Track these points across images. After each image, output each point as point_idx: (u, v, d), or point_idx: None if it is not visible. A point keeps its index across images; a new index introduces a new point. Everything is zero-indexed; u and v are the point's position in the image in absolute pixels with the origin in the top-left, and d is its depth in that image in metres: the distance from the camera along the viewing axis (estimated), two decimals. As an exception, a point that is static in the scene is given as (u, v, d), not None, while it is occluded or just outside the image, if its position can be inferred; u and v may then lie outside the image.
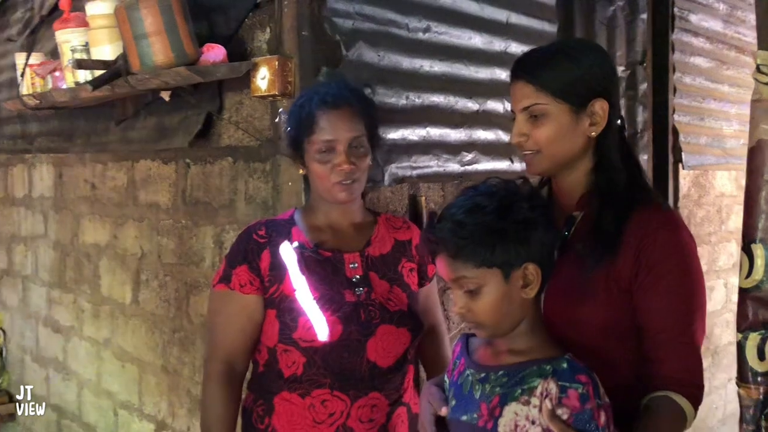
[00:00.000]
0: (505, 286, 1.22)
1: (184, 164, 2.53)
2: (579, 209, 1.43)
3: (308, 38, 2.00)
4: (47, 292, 3.61)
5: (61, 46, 2.41)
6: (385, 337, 1.59)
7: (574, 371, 1.20)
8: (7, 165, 4.03)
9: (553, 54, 1.40)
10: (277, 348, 1.59)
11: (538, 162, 1.40)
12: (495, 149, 2.55)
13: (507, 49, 2.58)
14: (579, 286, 1.35)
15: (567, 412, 1.16)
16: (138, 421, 2.88)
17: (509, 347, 1.27)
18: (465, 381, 1.30)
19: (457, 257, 1.21)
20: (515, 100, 1.40)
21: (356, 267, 1.63)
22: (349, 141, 1.58)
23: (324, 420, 1.56)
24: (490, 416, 1.23)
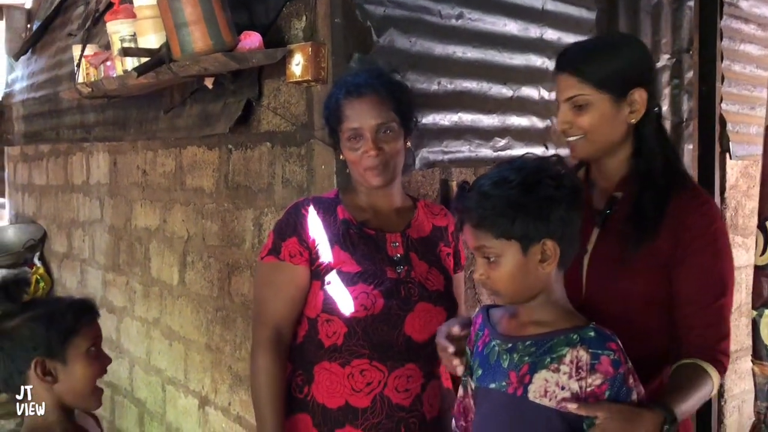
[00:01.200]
0: (522, 258, 1.28)
1: (226, 150, 2.63)
2: (620, 189, 1.55)
3: (341, 25, 2.06)
4: (102, 275, 3.79)
5: (111, 36, 2.54)
6: (423, 314, 1.66)
7: (603, 339, 1.26)
8: (67, 154, 4.23)
9: (595, 47, 1.55)
10: (319, 318, 1.66)
11: (581, 147, 1.53)
12: (529, 135, 2.56)
13: (543, 36, 2.59)
14: (620, 261, 1.47)
15: (600, 378, 1.23)
16: (184, 396, 3.01)
17: (533, 319, 1.33)
18: (491, 351, 1.36)
19: (479, 227, 1.28)
20: (559, 90, 1.53)
21: (397, 246, 1.71)
22: (375, 128, 1.64)
23: (362, 389, 1.63)
24: (520, 383, 1.29)
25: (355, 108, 1.65)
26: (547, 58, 2.61)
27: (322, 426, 1.65)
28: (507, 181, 1.27)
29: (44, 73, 4.58)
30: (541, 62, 2.60)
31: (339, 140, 1.71)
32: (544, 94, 2.61)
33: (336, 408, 1.64)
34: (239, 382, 2.61)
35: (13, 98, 5.27)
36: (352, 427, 1.63)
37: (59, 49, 4.30)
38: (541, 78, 2.60)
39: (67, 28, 4.14)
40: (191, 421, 2.95)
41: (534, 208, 1.26)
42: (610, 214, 1.54)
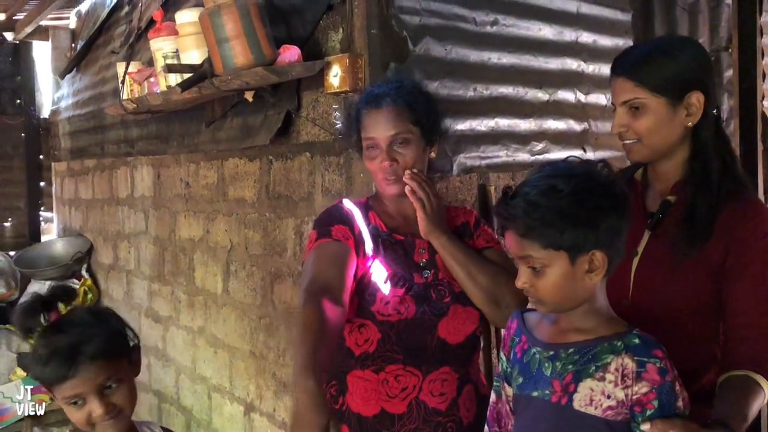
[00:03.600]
0: (569, 268, 1.24)
1: (267, 161, 2.69)
2: (674, 193, 1.53)
3: (377, 36, 2.10)
4: (148, 285, 3.88)
5: (154, 53, 2.62)
6: (456, 316, 1.65)
7: (648, 346, 1.24)
8: (112, 168, 4.35)
9: (651, 51, 1.53)
10: (348, 326, 1.64)
11: (638, 150, 1.53)
12: (566, 138, 2.57)
13: (578, 39, 2.60)
14: (670, 266, 1.45)
15: (647, 386, 1.21)
16: (229, 403, 3.06)
17: (575, 326, 1.30)
18: (532, 359, 1.35)
19: (525, 236, 1.24)
20: (615, 94, 1.53)
21: (423, 252, 1.71)
22: (390, 139, 1.65)
23: (397, 394, 1.62)
24: (564, 392, 1.27)
25: (372, 118, 1.66)
26: (582, 61, 2.62)
27: None
28: (556, 190, 1.23)
29: (88, 91, 4.73)
30: (576, 65, 2.60)
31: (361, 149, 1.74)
32: (580, 98, 2.61)
33: (372, 416, 1.63)
34: (284, 388, 2.65)
35: (60, 115, 5.44)
36: None
37: (102, 67, 4.43)
38: (577, 81, 2.60)
39: (110, 46, 4.26)
40: (237, 428, 3.01)
41: (584, 219, 1.22)
42: (663, 218, 1.52)
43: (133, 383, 1.47)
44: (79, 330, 1.40)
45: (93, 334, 1.40)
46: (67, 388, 1.37)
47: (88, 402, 1.38)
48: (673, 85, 1.47)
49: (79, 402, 1.38)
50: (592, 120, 2.67)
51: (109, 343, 1.41)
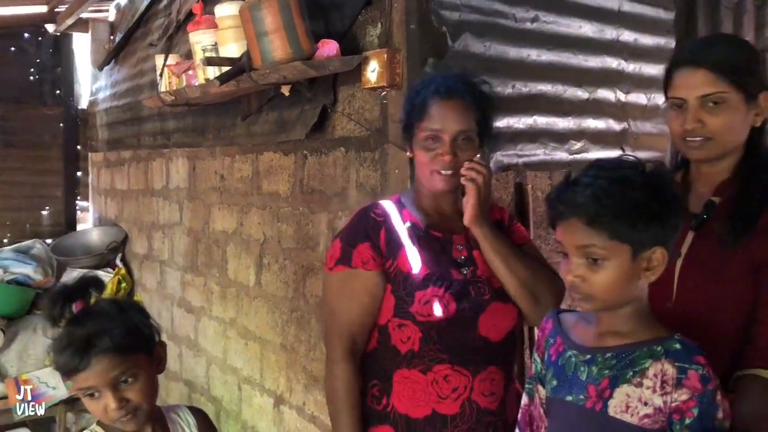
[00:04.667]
0: (630, 264, 1.21)
1: (301, 155, 2.69)
2: (718, 194, 1.48)
3: (416, 31, 2.09)
4: (181, 276, 3.92)
5: (193, 46, 2.64)
6: (495, 313, 1.63)
7: (690, 352, 1.20)
8: (148, 160, 4.40)
9: (730, 43, 1.49)
10: (390, 323, 1.62)
11: (708, 148, 1.46)
12: (605, 138, 2.53)
13: (619, 38, 2.56)
14: (715, 267, 1.42)
15: (688, 394, 1.17)
16: (259, 395, 3.08)
17: (613, 329, 1.27)
18: (567, 362, 1.31)
19: (592, 224, 1.19)
20: (690, 86, 1.44)
21: (462, 249, 1.68)
22: (455, 134, 1.61)
23: (448, 395, 1.59)
24: (599, 398, 1.24)
25: (441, 109, 1.62)
26: (623, 59, 2.58)
27: None
28: (629, 180, 1.20)
29: (126, 83, 4.79)
30: (616, 64, 2.56)
31: (413, 137, 1.68)
32: (620, 97, 2.57)
33: (422, 417, 1.60)
34: (314, 382, 2.66)
35: (97, 106, 5.52)
36: None
37: (140, 59, 4.48)
38: (617, 80, 2.56)
39: (148, 38, 4.31)
40: (266, 420, 3.02)
41: (656, 213, 1.19)
42: (707, 218, 1.48)
43: (152, 378, 1.46)
44: (96, 322, 1.40)
45: (110, 327, 1.39)
46: (80, 379, 1.38)
47: (102, 395, 1.39)
48: (752, 81, 1.42)
49: (96, 394, 1.39)
50: (631, 120, 2.63)
51: (125, 338, 1.40)
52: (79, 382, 1.38)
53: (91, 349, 1.36)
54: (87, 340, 1.37)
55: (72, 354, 1.36)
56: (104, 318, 1.41)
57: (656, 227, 1.20)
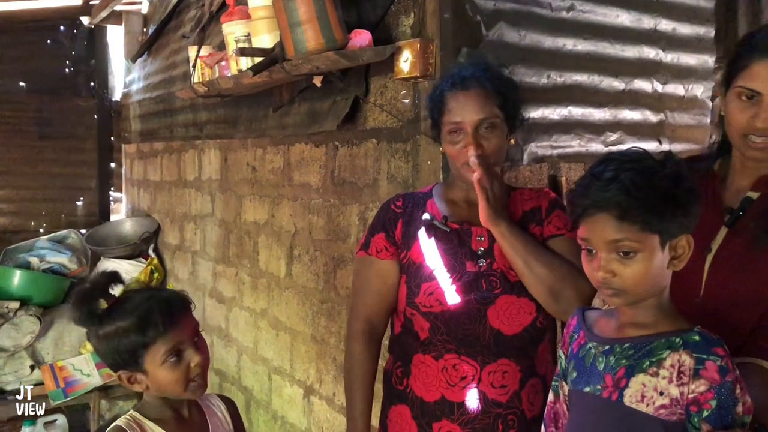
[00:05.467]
0: (660, 254, 1.20)
1: (333, 146, 2.69)
2: (757, 189, 1.42)
3: (450, 20, 2.06)
4: (213, 266, 3.96)
5: (226, 37, 2.65)
6: (506, 306, 1.61)
7: (709, 343, 1.17)
8: (180, 151, 4.45)
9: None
10: (406, 311, 1.68)
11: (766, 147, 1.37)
12: (642, 129, 2.48)
13: (656, 27, 2.50)
14: (746, 264, 1.37)
15: (706, 385, 1.15)
16: (289, 385, 3.10)
17: (634, 320, 1.26)
18: (587, 354, 1.31)
19: (624, 218, 1.18)
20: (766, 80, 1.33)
21: (483, 240, 1.66)
22: (477, 123, 1.60)
23: (457, 383, 1.61)
24: (615, 387, 1.23)
25: (459, 101, 1.61)
26: (660, 49, 2.53)
27: (420, 419, 1.66)
28: (654, 171, 1.18)
29: (159, 75, 4.84)
30: (654, 54, 2.51)
31: (441, 133, 1.68)
32: (657, 87, 2.52)
33: (433, 402, 1.64)
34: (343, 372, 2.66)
35: (131, 98, 5.59)
36: (449, 421, 1.62)
37: (173, 51, 4.52)
38: (654, 70, 2.51)
39: (181, 30, 4.34)
40: (296, 410, 3.04)
41: (683, 202, 1.19)
42: (743, 215, 1.43)
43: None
44: (152, 292, 1.50)
45: (168, 293, 1.50)
46: (168, 340, 1.43)
47: (185, 353, 1.45)
48: None
49: (175, 358, 1.44)
50: (669, 111, 2.58)
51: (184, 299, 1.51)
52: (166, 344, 1.43)
53: (173, 310, 1.46)
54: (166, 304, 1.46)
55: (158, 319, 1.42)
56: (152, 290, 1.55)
57: (682, 216, 1.20)
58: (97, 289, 1.46)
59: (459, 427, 1.62)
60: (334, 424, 2.75)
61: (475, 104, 1.60)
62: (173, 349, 1.43)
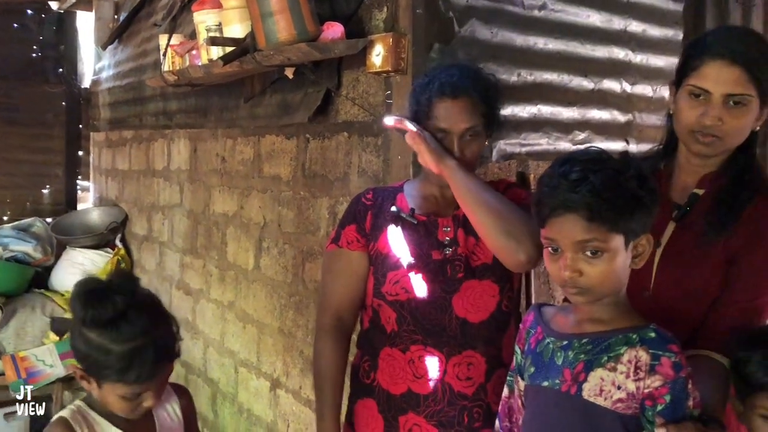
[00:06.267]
0: (624, 253, 1.23)
1: (304, 139, 2.68)
2: (702, 186, 1.49)
3: (422, 16, 2.07)
4: (180, 257, 3.92)
5: (197, 26, 2.62)
6: (470, 291, 1.63)
7: (664, 340, 1.22)
8: (149, 140, 4.39)
9: (762, 44, 1.42)
10: (374, 303, 1.69)
11: (715, 147, 1.43)
12: (610, 129, 2.52)
13: (627, 28, 2.54)
14: (694, 257, 1.43)
15: (660, 380, 1.19)
16: (255, 378, 3.09)
17: (591, 316, 1.29)
18: (545, 349, 1.33)
19: (593, 219, 1.20)
20: (720, 81, 1.38)
21: (449, 230, 1.69)
22: (462, 132, 1.62)
23: (423, 375, 1.63)
24: (574, 381, 1.26)
25: (448, 109, 1.61)
26: (630, 50, 2.56)
27: (387, 412, 1.67)
28: (621, 172, 1.21)
29: (129, 62, 4.77)
30: (623, 55, 2.54)
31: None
32: (626, 88, 2.56)
33: (399, 394, 1.65)
34: (310, 366, 2.65)
35: (100, 86, 5.50)
36: (415, 413, 1.64)
37: (144, 39, 4.46)
38: (623, 71, 2.55)
39: (152, 18, 4.28)
40: (262, 403, 3.03)
41: (647, 203, 1.22)
42: (689, 210, 1.49)
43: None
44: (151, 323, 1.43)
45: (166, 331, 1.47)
46: (137, 387, 1.41)
47: (143, 395, 1.43)
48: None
49: (132, 396, 1.42)
50: (637, 111, 2.61)
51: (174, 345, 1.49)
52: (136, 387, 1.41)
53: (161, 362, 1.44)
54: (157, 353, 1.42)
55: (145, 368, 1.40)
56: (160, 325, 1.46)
57: (646, 215, 1.24)
58: (111, 291, 1.41)
59: (425, 419, 1.63)
60: (300, 417, 2.75)
61: (462, 113, 1.61)
62: (135, 394, 1.42)
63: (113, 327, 1.38)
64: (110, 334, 1.38)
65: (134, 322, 1.39)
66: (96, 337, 1.39)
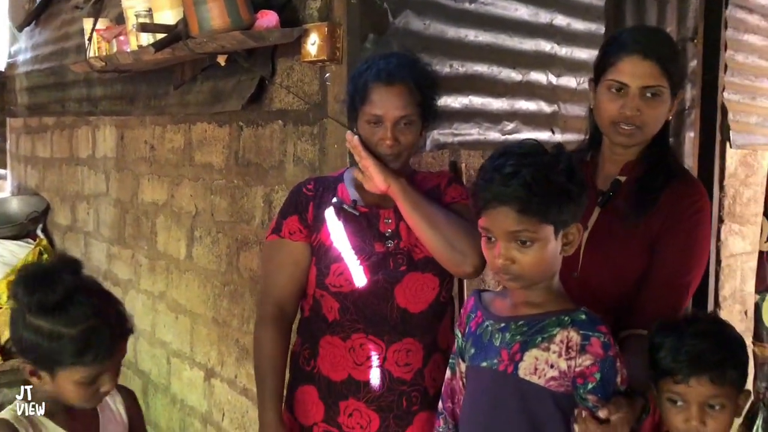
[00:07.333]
0: (554, 242, 1.31)
1: (237, 127, 2.66)
2: (624, 174, 1.61)
3: (357, 6, 2.09)
4: (107, 248, 3.83)
5: (126, 11, 2.56)
6: (412, 283, 1.68)
7: (594, 322, 1.30)
8: (72, 127, 4.25)
9: (672, 42, 1.58)
10: (316, 293, 1.72)
11: (637, 137, 1.56)
12: (536, 119, 2.61)
13: (552, 22, 2.62)
14: (619, 242, 1.55)
15: (590, 359, 1.27)
16: (189, 368, 3.06)
17: (526, 300, 1.36)
18: (484, 331, 1.40)
19: (523, 211, 1.26)
20: (636, 75, 1.51)
21: (390, 222, 1.72)
22: (397, 119, 1.64)
23: (363, 362, 1.67)
24: (511, 361, 1.33)
25: (382, 95, 1.63)
26: (555, 43, 2.65)
27: (327, 398, 1.70)
28: (551, 166, 1.28)
29: (49, 45, 4.57)
30: (549, 47, 2.63)
31: (358, 117, 1.70)
32: (551, 80, 2.65)
33: (340, 381, 1.69)
34: (246, 355, 2.66)
35: (16, 69, 5.26)
36: (355, 399, 1.68)
37: (65, 22, 4.29)
38: (549, 63, 2.64)
39: (74, 0, 4.13)
40: (197, 393, 3.01)
41: (576, 195, 1.30)
42: (613, 195, 1.61)
43: None
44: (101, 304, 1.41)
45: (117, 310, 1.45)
46: (94, 368, 1.36)
47: (100, 379, 1.38)
48: (682, 79, 1.57)
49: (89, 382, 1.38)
50: (561, 102, 2.71)
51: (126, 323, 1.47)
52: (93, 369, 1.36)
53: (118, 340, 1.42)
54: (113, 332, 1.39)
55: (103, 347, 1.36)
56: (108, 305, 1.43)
57: (574, 207, 1.31)
58: (56, 273, 1.36)
59: (365, 404, 1.67)
60: (235, 405, 2.75)
61: (397, 100, 1.63)
62: (93, 377, 1.37)
63: (62, 310, 1.34)
64: (61, 318, 1.33)
65: (84, 303, 1.35)
66: (45, 323, 1.33)
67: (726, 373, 1.30)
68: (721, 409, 1.30)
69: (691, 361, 1.29)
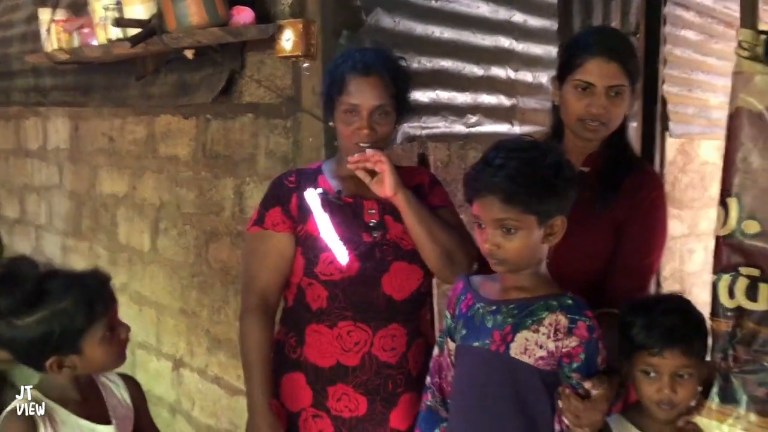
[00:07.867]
0: (537, 231, 1.41)
1: (204, 119, 2.68)
2: (587, 165, 1.74)
3: (330, 3, 2.15)
4: (62, 240, 3.77)
5: (92, 3, 2.53)
6: (398, 272, 1.76)
7: (580, 307, 1.43)
8: (19, 117, 4.14)
9: (630, 43, 1.73)
10: (302, 282, 1.76)
11: (602, 132, 1.69)
12: (497, 113, 2.73)
13: (511, 18, 2.74)
14: (587, 229, 1.65)
15: (576, 341, 1.39)
16: (156, 359, 3.07)
17: (516, 285, 1.47)
18: (476, 313, 1.50)
19: (508, 201, 1.37)
20: (603, 75, 1.63)
21: (374, 213, 1.79)
22: (372, 108, 1.70)
23: (351, 348, 1.74)
24: (503, 341, 1.44)
25: (359, 85, 1.70)
26: (513, 39, 2.78)
27: (315, 384, 1.77)
28: (537, 161, 1.39)
29: (-10, 33, 4.43)
30: (508, 43, 2.75)
31: (334, 109, 1.76)
32: (510, 74, 2.77)
33: (328, 367, 1.75)
34: (218, 344, 2.70)
35: (-48, 57, 5.06)
36: (343, 384, 1.75)
37: (8, 8, 4.16)
38: (507, 58, 2.76)
39: (17, -14, 4.02)
40: (164, 383, 3.03)
41: (561, 189, 1.40)
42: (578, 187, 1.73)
43: None
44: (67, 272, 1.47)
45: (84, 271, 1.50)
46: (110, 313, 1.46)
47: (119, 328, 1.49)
48: (638, 76, 1.69)
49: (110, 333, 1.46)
50: (519, 96, 2.84)
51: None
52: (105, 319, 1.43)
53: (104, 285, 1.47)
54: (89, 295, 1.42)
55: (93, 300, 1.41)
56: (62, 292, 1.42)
57: (559, 200, 1.42)
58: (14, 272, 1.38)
59: (353, 388, 1.75)
60: (207, 394, 2.79)
61: (373, 90, 1.70)
62: (110, 325, 1.44)
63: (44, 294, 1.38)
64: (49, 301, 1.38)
65: (57, 278, 1.42)
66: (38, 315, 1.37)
67: (694, 344, 1.44)
68: (689, 378, 1.44)
69: (664, 335, 1.42)
